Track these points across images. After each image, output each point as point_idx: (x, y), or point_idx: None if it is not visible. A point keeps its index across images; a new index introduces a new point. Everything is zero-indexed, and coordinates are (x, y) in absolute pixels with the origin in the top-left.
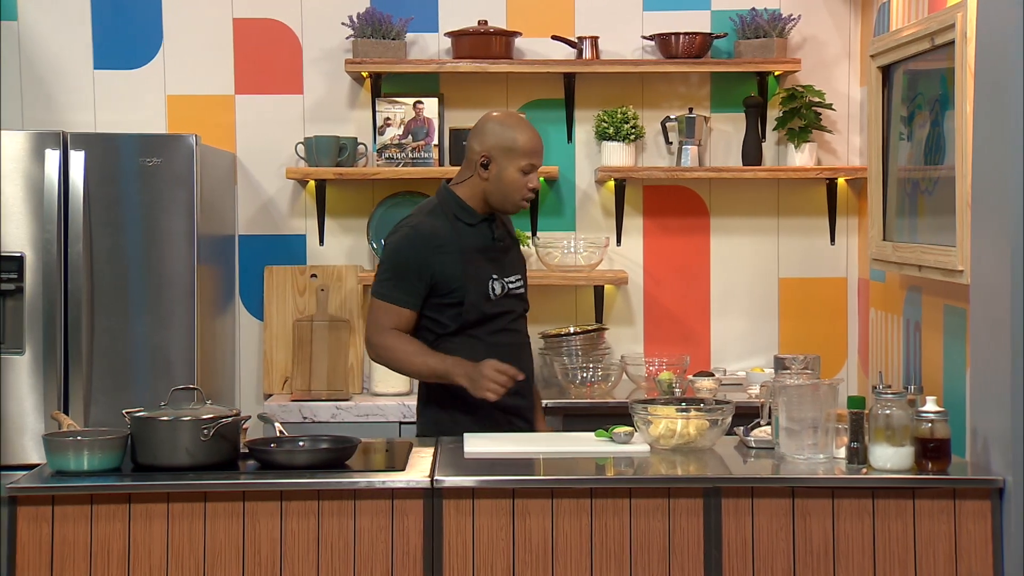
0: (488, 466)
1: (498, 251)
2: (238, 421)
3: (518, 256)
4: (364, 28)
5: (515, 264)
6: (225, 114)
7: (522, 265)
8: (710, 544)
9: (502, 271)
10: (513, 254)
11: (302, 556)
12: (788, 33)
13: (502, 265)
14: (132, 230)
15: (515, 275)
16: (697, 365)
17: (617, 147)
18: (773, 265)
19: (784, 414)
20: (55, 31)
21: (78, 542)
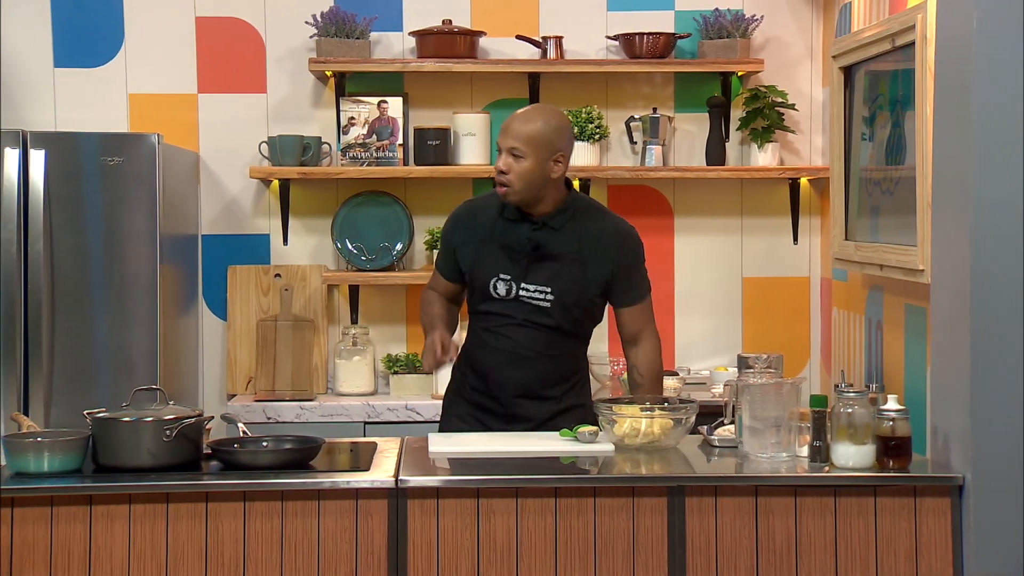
0: (453, 466)
1: (527, 255)
2: (201, 422)
3: (574, 271)
4: (328, 27)
5: (549, 275)
6: (188, 113)
7: (562, 281)
8: (674, 543)
9: (521, 275)
10: (558, 266)
11: (266, 557)
12: (751, 34)
13: (525, 270)
14: (93, 230)
15: (542, 286)
16: None
17: (581, 147)
18: (737, 264)
19: (748, 413)
20: (14, 29)
21: (38, 544)
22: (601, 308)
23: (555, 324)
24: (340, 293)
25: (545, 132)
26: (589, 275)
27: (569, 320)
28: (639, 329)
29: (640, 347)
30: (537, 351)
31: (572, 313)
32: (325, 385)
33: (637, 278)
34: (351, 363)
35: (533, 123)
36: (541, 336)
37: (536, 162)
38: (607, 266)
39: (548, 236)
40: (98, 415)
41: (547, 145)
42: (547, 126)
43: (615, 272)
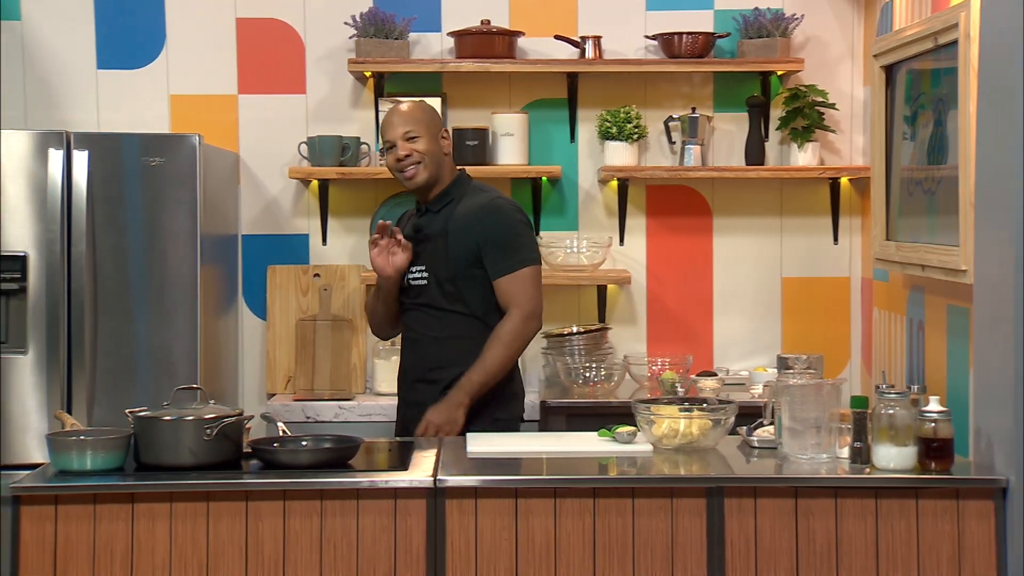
0: (491, 466)
1: (416, 241)
2: (241, 421)
3: (439, 248)
4: (367, 28)
5: (424, 256)
6: (228, 114)
7: (432, 258)
8: (713, 544)
9: (413, 261)
10: (431, 245)
11: (305, 556)
12: (791, 33)
13: (414, 256)
14: (135, 230)
15: (419, 267)
16: (700, 365)
17: (620, 147)
18: (776, 264)
19: (787, 414)
20: (58, 31)
21: (81, 542)
22: (481, 283)
23: (434, 303)
24: None
25: (424, 113)
26: (453, 249)
27: (444, 297)
28: (506, 302)
29: (503, 319)
30: (424, 333)
31: (445, 288)
32: (363, 385)
33: (505, 250)
34: (389, 363)
35: (412, 109)
36: (425, 318)
37: (430, 138)
38: (472, 238)
39: (428, 220)
40: (140, 414)
41: (433, 123)
42: (423, 109)
43: (480, 245)
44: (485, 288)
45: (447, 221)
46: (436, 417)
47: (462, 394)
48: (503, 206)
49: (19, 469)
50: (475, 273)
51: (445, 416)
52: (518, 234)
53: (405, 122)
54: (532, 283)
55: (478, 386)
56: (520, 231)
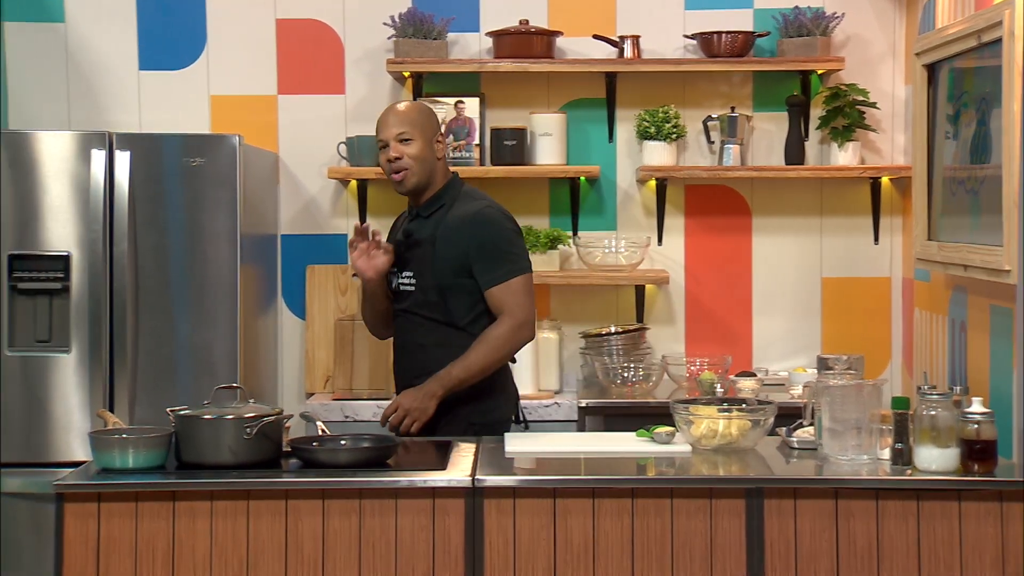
0: (529, 465)
1: (406, 245)
2: (281, 420)
3: (427, 255)
4: (406, 28)
5: (416, 261)
6: (268, 114)
7: (419, 265)
8: (752, 545)
9: (401, 267)
10: (420, 252)
11: (344, 555)
12: (832, 31)
13: (404, 261)
14: (176, 230)
15: (408, 272)
16: (739, 365)
17: (658, 146)
18: (816, 264)
19: (827, 415)
20: (101, 32)
21: (123, 539)
22: (467, 293)
23: (420, 311)
24: None
25: (421, 115)
26: (440, 257)
27: (429, 305)
28: (498, 310)
29: (494, 324)
30: (412, 340)
31: (429, 296)
32: None
33: (497, 260)
34: None
35: (409, 111)
36: (413, 324)
37: (424, 142)
38: (460, 248)
39: (418, 225)
40: (181, 413)
41: (428, 126)
42: (420, 111)
43: (469, 255)
44: (471, 298)
45: (436, 228)
46: (407, 402)
47: (437, 385)
48: (493, 215)
49: (62, 467)
50: (462, 283)
51: (417, 404)
52: (509, 243)
53: (400, 123)
54: (524, 293)
55: (456, 382)
56: (511, 240)
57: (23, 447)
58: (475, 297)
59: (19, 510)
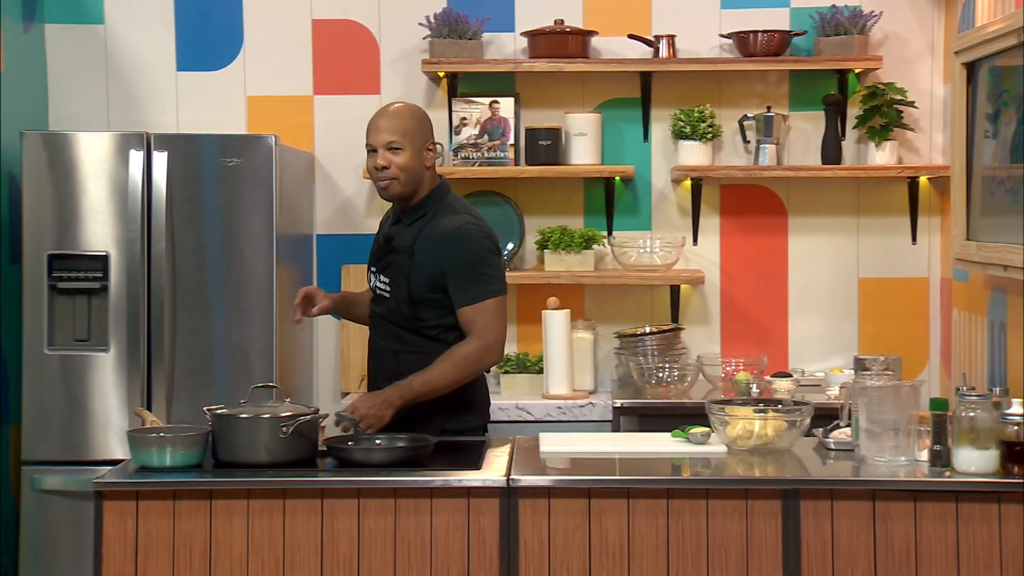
0: (564, 466)
1: (386, 249)
2: (316, 419)
3: (403, 265)
4: (441, 28)
5: (393, 269)
6: (303, 115)
7: (395, 274)
8: (788, 546)
9: (381, 268)
10: (397, 260)
11: (379, 554)
12: (869, 30)
13: (383, 263)
14: (212, 229)
15: (385, 278)
16: (774, 365)
17: (694, 146)
18: (853, 265)
19: (864, 415)
20: (140, 34)
21: (161, 536)
22: (443, 307)
23: (393, 317)
24: None
25: (415, 123)
26: (416, 271)
27: (404, 314)
28: (467, 330)
29: (462, 342)
30: (384, 345)
31: (402, 307)
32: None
33: (470, 280)
34: None
35: (402, 117)
36: (386, 329)
37: (414, 152)
38: (436, 265)
39: (399, 230)
40: (217, 411)
41: (420, 135)
42: (415, 118)
43: (445, 272)
44: (442, 311)
45: (415, 239)
46: (363, 407)
47: (396, 395)
48: (471, 232)
49: (101, 465)
50: (435, 297)
51: (373, 411)
52: (485, 264)
53: (391, 130)
54: (495, 315)
55: (415, 395)
56: (487, 260)
57: (62, 445)
58: (446, 310)
59: (59, 507)
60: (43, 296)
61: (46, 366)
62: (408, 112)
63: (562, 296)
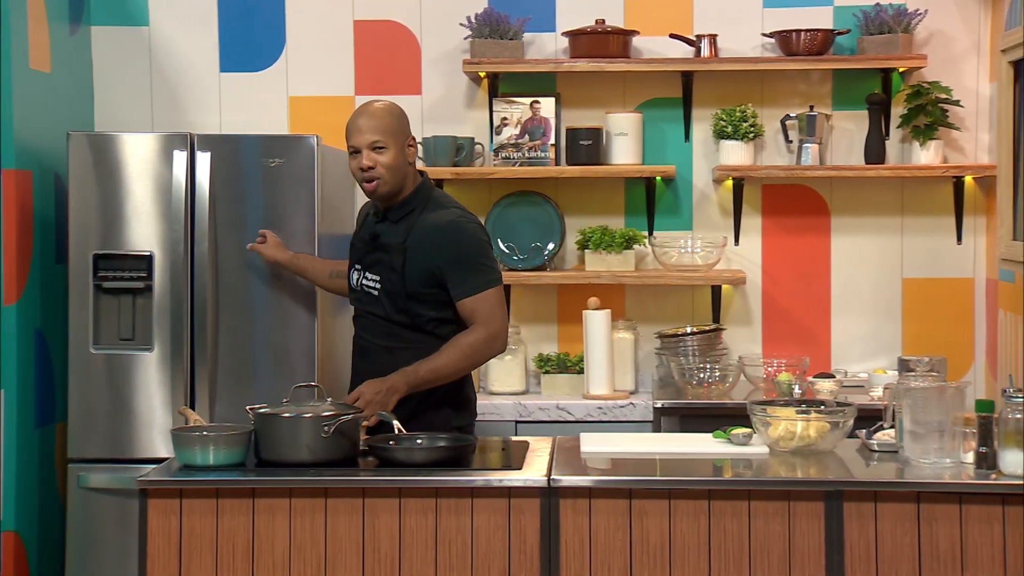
0: (605, 466)
1: (372, 247)
2: (358, 418)
3: (395, 262)
4: (482, 28)
5: (383, 266)
6: (345, 115)
7: (387, 270)
8: (832, 548)
9: (367, 266)
10: (386, 256)
11: (420, 553)
12: (914, 28)
13: (369, 261)
14: (255, 229)
15: (374, 275)
16: (817, 366)
17: (735, 146)
18: (896, 265)
19: (909, 417)
20: (184, 36)
21: (204, 535)
22: (437, 301)
23: (385, 314)
24: None
25: (395, 121)
26: (410, 266)
27: (397, 310)
28: (468, 319)
29: (467, 331)
30: (375, 342)
31: (398, 303)
32: (477, 384)
33: (470, 272)
34: (503, 362)
35: (382, 115)
36: (377, 326)
37: (397, 149)
38: (431, 260)
39: (386, 228)
40: (260, 411)
41: (402, 132)
42: (394, 115)
43: (441, 266)
44: (437, 306)
45: (407, 236)
46: (369, 393)
47: (403, 382)
48: (465, 226)
49: (145, 463)
50: (430, 292)
51: (380, 397)
52: (483, 255)
53: (373, 130)
54: (498, 304)
55: (421, 381)
56: (483, 251)
57: (108, 443)
58: (442, 304)
59: (104, 505)
60: (88, 296)
61: (91, 365)
62: (387, 110)
63: (603, 296)
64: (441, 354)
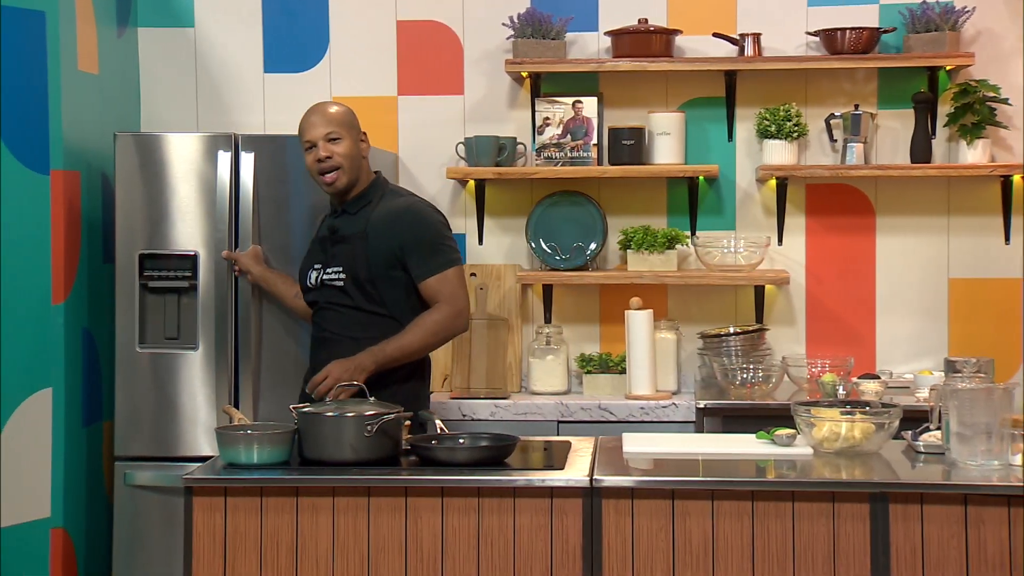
0: (647, 466)
1: (332, 241)
2: (400, 418)
3: (357, 249)
4: (524, 28)
5: (342, 257)
6: (388, 115)
7: (350, 259)
8: (877, 551)
9: (328, 261)
10: (348, 247)
11: (463, 552)
12: (961, 26)
13: (330, 255)
14: (298, 229)
15: (336, 267)
16: (861, 367)
17: (779, 145)
18: (943, 265)
19: (955, 419)
20: (228, 37)
21: (249, 532)
22: (401, 285)
23: (352, 303)
24: (534, 292)
25: (347, 114)
26: (372, 251)
27: (365, 297)
28: (432, 300)
29: (431, 309)
30: (339, 333)
31: (366, 289)
32: (519, 384)
33: (430, 252)
34: (544, 362)
35: (333, 110)
36: (342, 317)
37: (352, 141)
38: (393, 241)
39: (344, 221)
40: (303, 410)
41: (354, 125)
42: (344, 110)
43: (403, 248)
44: (405, 290)
45: (366, 223)
46: (338, 372)
47: (370, 360)
48: (423, 209)
49: (190, 461)
50: (395, 275)
51: (348, 376)
52: (441, 236)
53: (327, 123)
54: (459, 283)
55: (388, 359)
56: (442, 232)
57: (153, 441)
58: (408, 289)
59: (150, 502)
60: (135, 295)
61: (137, 364)
62: (335, 105)
63: (645, 296)
64: (407, 332)
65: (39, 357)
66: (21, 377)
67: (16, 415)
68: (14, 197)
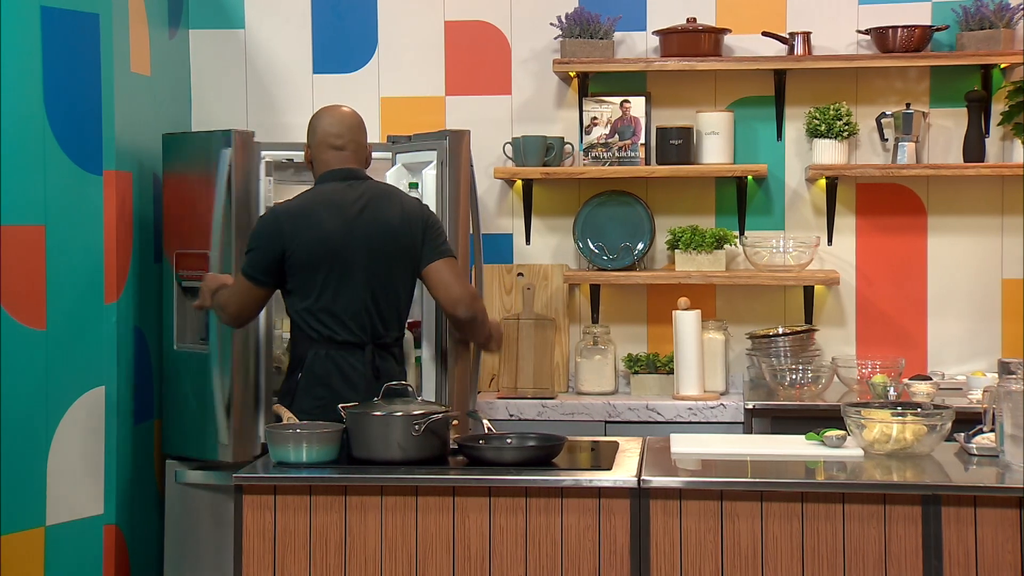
0: (695, 467)
1: None
2: (448, 417)
3: None
4: (572, 28)
5: None
6: (436, 115)
7: None
8: (929, 554)
9: None
10: None
11: (510, 552)
12: (1016, 23)
13: None
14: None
15: None
16: (913, 368)
17: (829, 144)
18: (996, 265)
19: (1009, 420)
20: (278, 38)
21: (298, 531)
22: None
23: None
24: (581, 292)
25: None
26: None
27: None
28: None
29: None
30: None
31: None
32: (566, 384)
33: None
34: (592, 362)
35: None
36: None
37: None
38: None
39: None
40: (352, 409)
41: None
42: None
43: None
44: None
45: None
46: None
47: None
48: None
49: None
50: None
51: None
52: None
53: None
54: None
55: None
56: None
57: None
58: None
59: (200, 500)
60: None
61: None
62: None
63: (693, 296)
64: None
65: (92, 355)
66: (75, 375)
67: (70, 413)
68: (68, 197)
